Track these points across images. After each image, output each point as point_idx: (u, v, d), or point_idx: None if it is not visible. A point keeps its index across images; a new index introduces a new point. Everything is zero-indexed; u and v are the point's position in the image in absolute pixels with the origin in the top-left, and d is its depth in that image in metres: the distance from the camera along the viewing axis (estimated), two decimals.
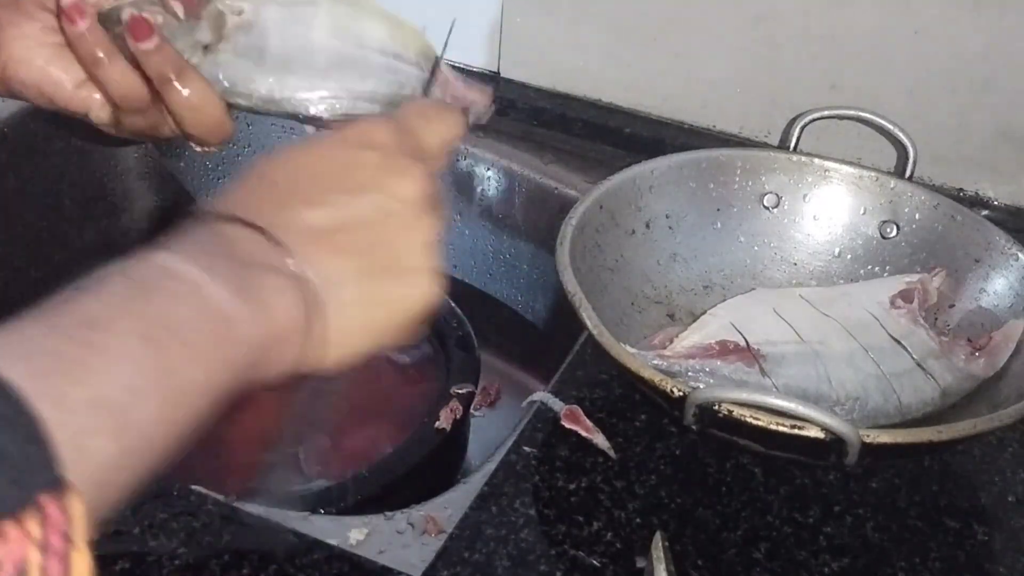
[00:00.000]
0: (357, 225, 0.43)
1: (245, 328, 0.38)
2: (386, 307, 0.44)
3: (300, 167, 0.45)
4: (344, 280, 0.43)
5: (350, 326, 0.43)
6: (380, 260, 0.44)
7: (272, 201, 0.43)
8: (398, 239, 0.45)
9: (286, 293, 0.40)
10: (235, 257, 0.40)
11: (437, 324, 0.91)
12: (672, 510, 0.64)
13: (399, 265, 0.45)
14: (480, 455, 0.73)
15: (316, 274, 0.41)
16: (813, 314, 0.76)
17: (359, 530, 0.61)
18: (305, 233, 0.42)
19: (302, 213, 0.43)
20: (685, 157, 0.83)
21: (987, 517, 0.66)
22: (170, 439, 0.35)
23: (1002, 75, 0.87)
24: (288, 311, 0.40)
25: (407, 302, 0.45)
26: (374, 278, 0.44)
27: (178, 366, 0.35)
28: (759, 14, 0.92)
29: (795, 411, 0.57)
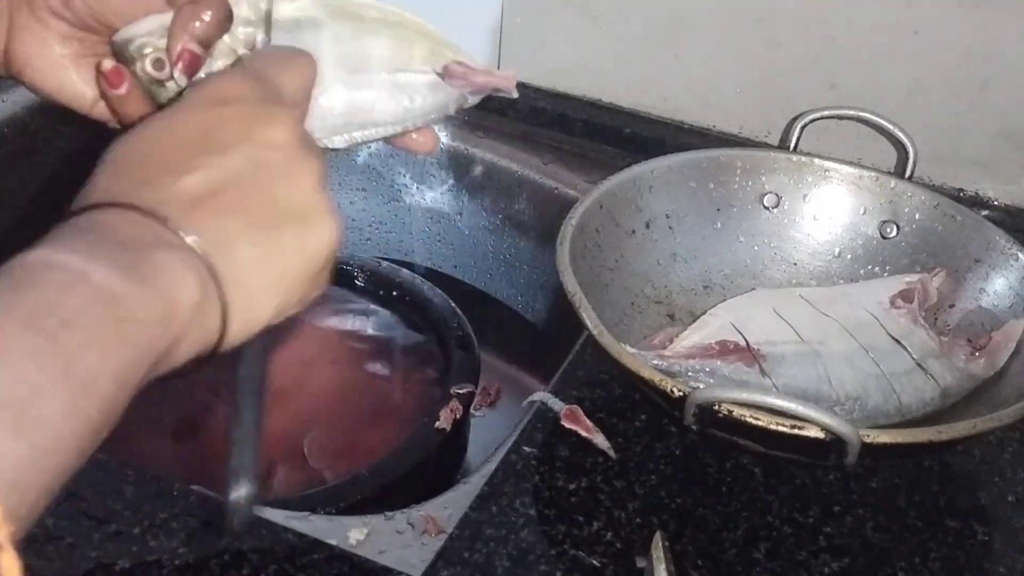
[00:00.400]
0: (234, 182, 0.41)
1: (140, 307, 0.36)
2: (287, 258, 0.42)
3: (160, 137, 0.42)
4: (236, 241, 0.40)
5: (255, 286, 0.41)
6: (268, 212, 0.42)
7: (138, 178, 0.41)
8: (281, 186, 0.42)
9: (178, 266, 0.38)
10: (116, 240, 0.38)
11: (437, 324, 0.91)
12: (672, 510, 0.64)
13: (290, 212, 0.42)
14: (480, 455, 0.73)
15: (205, 241, 0.39)
16: (813, 314, 0.77)
17: (359, 530, 0.61)
18: (183, 202, 0.40)
19: (174, 183, 0.40)
20: (685, 157, 0.83)
21: (987, 517, 0.66)
22: (85, 430, 0.34)
23: (1002, 75, 0.87)
24: (184, 284, 0.38)
25: (308, 248, 0.43)
26: (267, 231, 0.41)
27: (76, 354, 0.34)
28: (759, 14, 0.92)
29: (795, 411, 0.57)
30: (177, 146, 0.42)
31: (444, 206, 1.05)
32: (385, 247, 1.10)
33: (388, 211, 1.08)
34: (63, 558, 0.58)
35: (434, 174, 1.03)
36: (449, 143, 1.01)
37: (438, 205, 1.05)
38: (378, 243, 1.10)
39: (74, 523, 0.59)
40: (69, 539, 0.59)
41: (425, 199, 1.05)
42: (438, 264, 1.08)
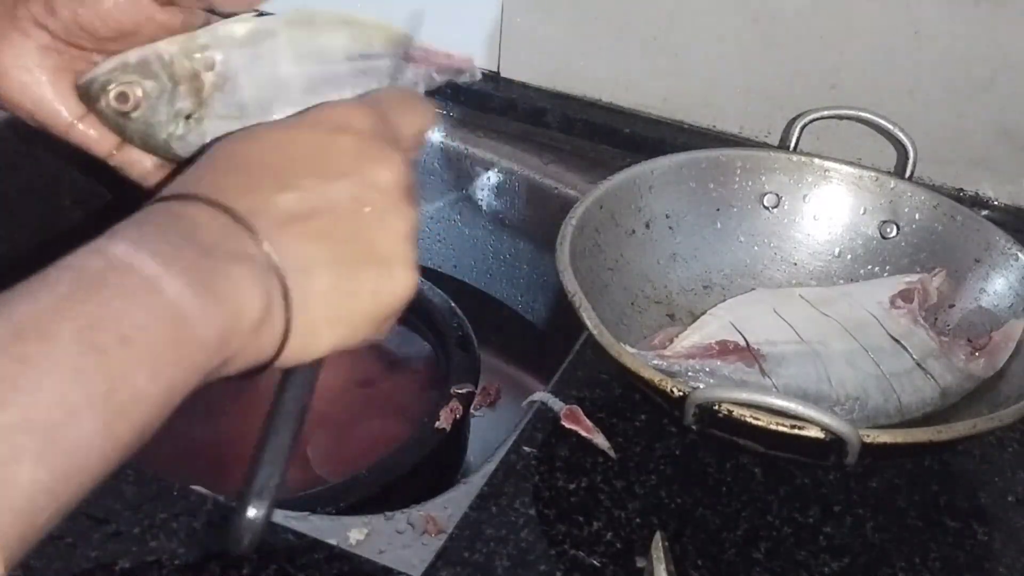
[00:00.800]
0: (331, 212, 0.41)
1: (203, 326, 0.36)
2: (360, 299, 0.42)
3: (272, 148, 0.42)
4: (316, 269, 0.40)
5: (321, 318, 0.41)
6: (355, 249, 0.42)
7: (241, 182, 0.40)
8: (374, 228, 0.42)
9: (252, 283, 0.38)
10: (198, 243, 0.37)
11: (437, 324, 0.91)
12: (672, 510, 0.64)
13: (375, 255, 0.42)
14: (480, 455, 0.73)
15: (286, 262, 0.39)
16: (813, 314, 0.76)
17: (359, 530, 0.61)
18: (276, 218, 0.40)
19: (273, 196, 0.40)
20: (685, 157, 0.83)
21: (987, 517, 0.66)
22: (114, 452, 0.33)
23: (1002, 75, 0.87)
24: (253, 302, 0.38)
25: (382, 295, 0.43)
26: (348, 268, 0.41)
27: (124, 374, 0.33)
28: (759, 14, 0.92)
29: (795, 411, 0.57)
30: (286, 160, 0.42)
31: (444, 206, 1.05)
32: None
33: None
34: (63, 558, 0.58)
35: (434, 174, 1.03)
36: (449, 143, 1.01)
37: (438, 205, 1.05)
38: None
39: (74, 523, 0.59)
40: (69, 539, 0.59)
41: (425, 199, 1.05)
42: (438, 264, 1.08)
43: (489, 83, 1.04)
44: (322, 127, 0.43)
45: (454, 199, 1.04)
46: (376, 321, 0.43)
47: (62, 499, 0.32)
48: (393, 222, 0.43)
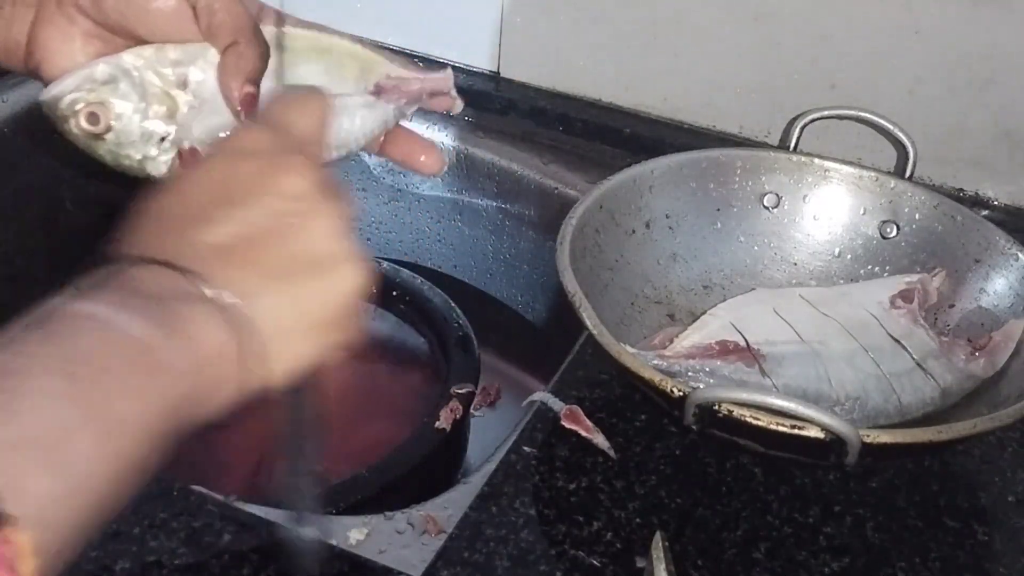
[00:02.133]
0: (256, 234, 0.42)
1: (172, 358, 0.37)
2: (310, 308, 0.42)
3: (181, 195, 0.43)
4: (261, 291, 0.41)
5: (284, 334, 0.42)
6: (291, 261, 0.42)
7: (163, 233, 0.42)
8: (301, 235, 0.43)
9: (206, 319, 0.39)
10: (144, 294, 0.38)
11: (437, 324, 0.91)
12: (672, 510, 0.64)
13: (314, 260, 0.43)
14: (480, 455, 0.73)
15: (229, 293, 0.40)
16: (813, 314, 0.76)
17: (359, 530, 0.61)
18: (207, 255, 0.41)
19: (197, 237, 0.41)
20: (685, 157, 0.83)
21: (987, 517, 0.66)
22: (114, 474, 0.35)
23: (1002, 75, 0.87)
24: (214, 335, 0.39)
25: (335, 293, 0.43)
26: (291, 280, 0.42)
27: (106, 398, 0.35)
28: (759, 14, 0.92)
29: (795, 411, 0.57)
30: (198, 201, 0.42)
31: (444, 206, 1.05)
32: (385, 247, 1.10)
33: (388, 211, 1.08)
34: None
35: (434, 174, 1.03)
36: (450, 143, 1.01)
37: (438, 205, 1.05)
38: (378, 243, 1.10)
39: None
40: None
41: (425, 199, 1.05)
42: (438, 264, 1.08)
43: (489, 83, 1.04)
44: (220, 160, 0.44)
45: (454, 199, 1.04)
46: (336, 322, 0.44)
47: (76, 515, 0.33)
48: (317, 224, 0.43)
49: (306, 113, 0.48)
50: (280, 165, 0.44)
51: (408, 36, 1.06)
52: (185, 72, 0.51)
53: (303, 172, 0.44)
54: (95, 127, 0.50)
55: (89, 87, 0.49)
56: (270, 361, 0.41)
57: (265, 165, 0.44)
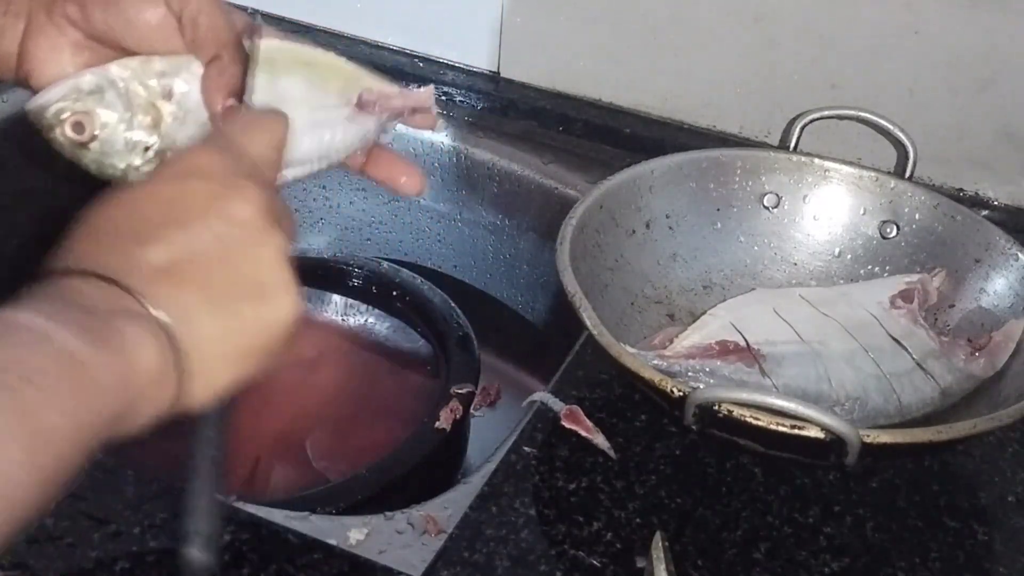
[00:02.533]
0: (198, 256, 0.42)
1: (100, 372, 0.37)
2: (246, 333, 0.43)
3: (129, 209, 0.43)
4: (196, 312, 0.41)
5: (213, 356, 0.42)
6: (228, 286, 0.43)
7: (107, 247, 0.42)
8: (243, 261, 0.43)
9: (142, 336, 0.39)
10: (82, 307, 0.38)
11: (437, 324, 0.91)
12: (672, 510, 0.64)
13: (249, 287, 0.43)
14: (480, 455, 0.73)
15: (168, 312, 0.40)
16: (813, 314, 0.76)
17: (359, 530, 0.61)
18: (148, 274, 0.41)
19: (141, 254, 0.41)
20: (685, 157, 0.83)
21: (987, 517, 0.66)
22: (39, 484, 0.35)
23: (1002, 75, 0.87)
24: (147, 354, 0.39)
25: (267, 322, 0.44)
26: (226, 305, 0.42)
27: (36, 410, 0.35)
28: (759, 14, 0.92)
29: (795, 411, 0.57)
30: (145, 218, 0.43)
31: (444, 206, 1.05)
32: (385, 247, 1.10)
33: (388, 211, 1.08)
34: (63, 558, 0.58)
35: (434, 174, 1.03)
36: (449, 143, 1.01)
37: (438, 205, 1.05)
38: (378, 243, 1.10)
39: (74, 523, 0.59)
40: (69, 539, 0.59)
41: (425, 199, 1.05)
42: (438, 264, 1.08)
43: (489, 83, 1.04)
44: (172, 178, 0.44)
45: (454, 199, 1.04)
46: (268, 349, 0.44)
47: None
48: (260, 251, 0.44)
49: (263, 134, 0.48)
50: (229, 189, 0.44)
51: (408, 36, 1.06)
52: (170, 83, 0.51)
53: (251, 198, 0.44)
54: (80, 136, 0.50)
55: (75, 97, 0.50)
56: (197, 383, 0.41)
57: (215, 188, 0.44)
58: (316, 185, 1.09)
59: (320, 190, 1.09)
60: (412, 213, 1.07)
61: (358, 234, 1.10)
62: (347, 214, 1.10)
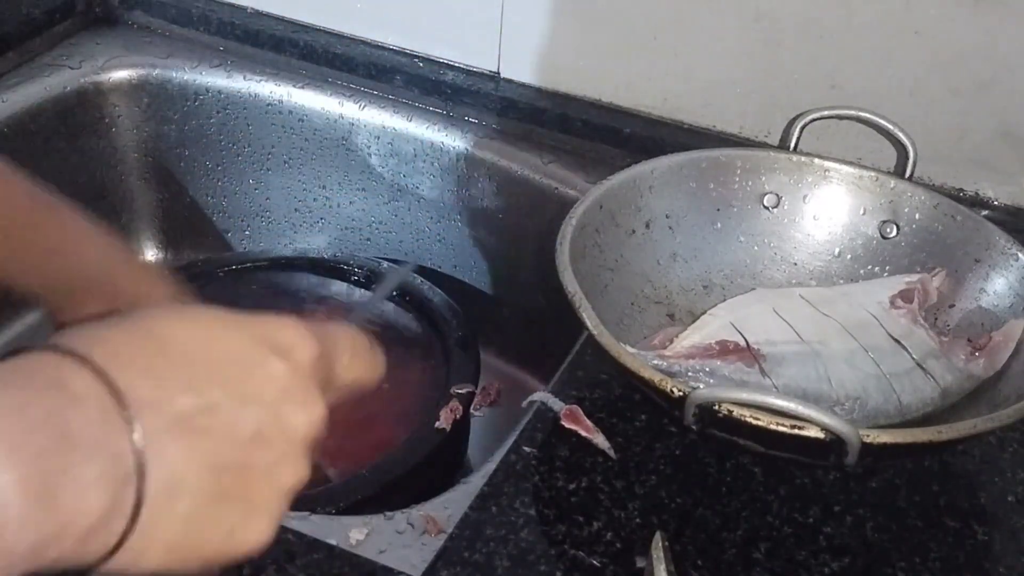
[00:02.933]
0: (227, 435, 0.37)
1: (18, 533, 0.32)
2: (211, 535, 0.38)
3: (198, 340, 0.38)
4: (182, 488, 0.36)
5: (163, 540, 0.36)
6: (230, 483, 0.37)
7: (149, 364, 0.36)
8: (261, 470, 0.38)
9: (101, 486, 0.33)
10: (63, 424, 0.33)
11: (437, 324, 0.91)
12: (672, 510, 0.64)
13: (246, 497, 0.38)
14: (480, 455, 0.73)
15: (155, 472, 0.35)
16: (813, 314, 0.76)
17: (359, 530, 0.61)
18: (167, 418, 0.35)
19: (175, 394, 0.36)
20: (685, 157, 0.83)
21: (987, 517, 0.66)
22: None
23: (1002, 75, 0.87)
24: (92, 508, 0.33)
25: (235, 539, 0.39)
26: (214, 498, 0.37)
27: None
28: (759, 13, 0.92)
29: (795, 411, 0.57)
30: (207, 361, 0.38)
31: (444, 206, 1.05)
32: (385, 247, 1.10)
33: (388, 211, 1.08)
34: None
35: (434, 174, 1.03)
36: (449, 143, 1.01)
37: (438, 205, 1.05)
38: (378, 243, 1.10)
39: None
40: None
41: (425, 199, 1.05)
42: (438, 264, 1.08)
43: (489, 83, 1.04)
44: (260, 340, 0.39)
45: (454, 199, 1.04)
46: (215, 561, 0.39)
47: None
48: (283, 472, 0.39)
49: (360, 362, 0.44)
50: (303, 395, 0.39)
51: (408, 36, 1.06)
52: None
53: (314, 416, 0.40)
54: None
55: None
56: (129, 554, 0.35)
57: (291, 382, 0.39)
58: (316, 185, 1.09)
59: (320, 190, 1.09)
60: (412, 213, 1.07)
61: (358, 234, 1.10)
62: (347, 214, 1.10)
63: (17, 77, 1.00)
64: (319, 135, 1.06)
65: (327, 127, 1.05)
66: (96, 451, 0.34)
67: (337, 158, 1.06)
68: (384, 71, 1.05)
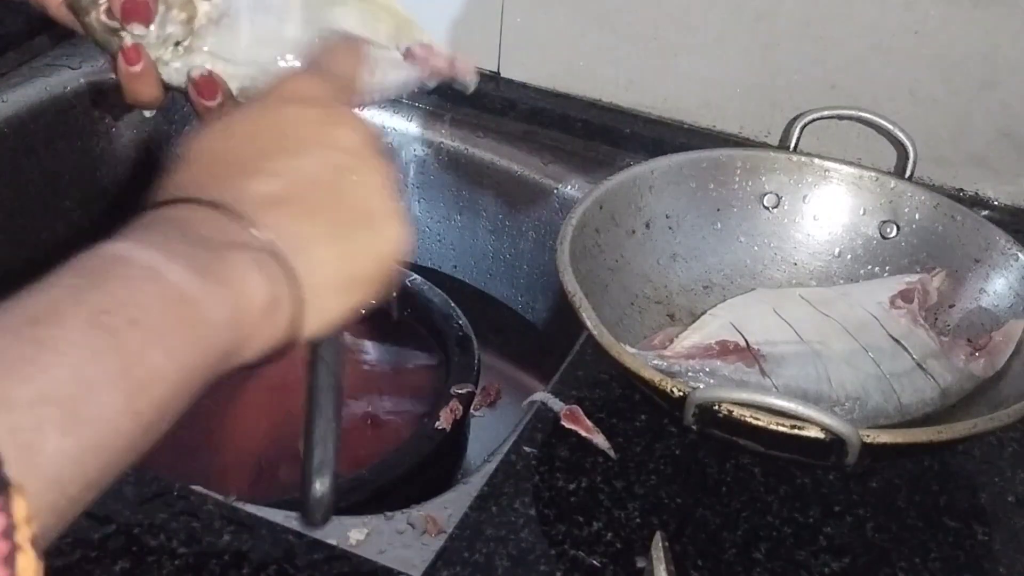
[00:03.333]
0: (308, 184, 0.42)
1: (213, 308, 0.36)
2: (359, 260, 0.42)
3: (236, 136, 0.43)
4: (312, 243, 0.41)
5: (327, 286, 0.41)
6: (342, 215, 0.42)
7: (217, 176, 0.41)
8: (354, 189, 0.43)
9: (253, 267, 0.38)
10: (192, 238, 0.38)
11: (437, 324, 0.91)
12: (672, 510, 0.64)
13: (362, 215, 0.43)
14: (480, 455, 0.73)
15: (281, 241, 0.39)
16: (813, 314, 0.76)
17: (359, 530, 0.61)
18: (260, 203, 0.40)
19: (251, 183, 0.41)
20: (685, 157, 0.83)
21: (987, 517, 0.66)
22: (138, 429, 0.33)
23: (1002, 75, 0.87)
24: (259, 285, 0.38)
25: (379, 250, 0.43)
26: (341, 234, 0.42)
27: (138, 353, 0.33)
28: (759, 13, 0.92)
29: (795, 411, 0.57)
30: (253, 146, 0.42)
31: (444, 206, 1.05)
32: None
33: None
34: (63, 558, 0.58)
35: (434, 174, 1.03)
36: (449, 143, 1.01)
37: (438, 205, 1.05)
38: None
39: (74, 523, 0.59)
40: (69, 539, 0.59)
41: (425, 200, 1.05)
42: (438, 264, 1.08)
43: (489, 83, 1.04)
44: (279, 105, 0.44)
45: (454, 199, 1.04)
46: (377, 278, 0.43)
47: (91, 473, 0.32)
48: (369, 179, 0.43)
49: (346, 60, 0.48)
50: (337, 117, 0.44)
51: None
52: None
53: (355, 126, 0.44)
54: (112, 21, 0.50)
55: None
56: (310, 313, 0.40)
57: (320, 115, 0.44)
58: None
59: None
60: (412, 213, 1.07)
61: None
62: None
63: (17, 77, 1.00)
64: None
65: None
66: (230, 246, 0.38)
67: None
68: None
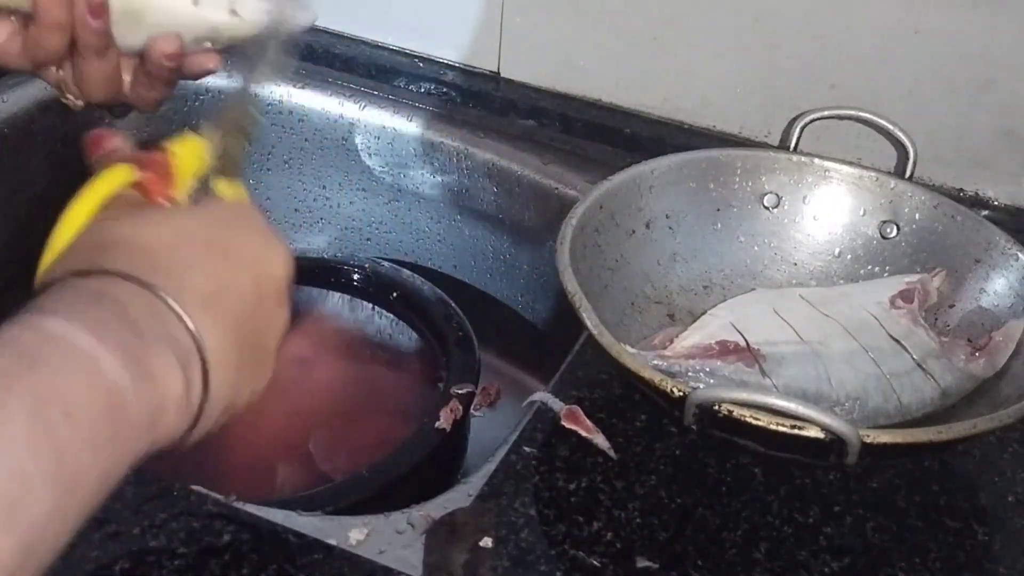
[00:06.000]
0: (238, 298, 0.43)
1: (139, 410, 0.36)
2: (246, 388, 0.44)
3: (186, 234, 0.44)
4: (227, 353, 0.42)
5: (223, 400, 0.42)
6: (251, 337, 0.44)
7: (152, 263, 0.41)
8: (264, 320, 0.45)
9: (176, 364, 0.39)
10: (128, 320, 0.38)
11: (437, 324, 0.91)
12: (672, 510, 0.64)
13: (260, 346, 0.45)
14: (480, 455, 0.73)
15: (206, 343, 0.41)
16: (813, 314, 0.76)
17: (359, 530, 0.61)
18: (196, 299, 0.41)
19: (192, 279, 0.42)
20: (685, 157, 0.83)
21: (987, 517, 0.66)
22: (64, 530, 0.34)
23: (1002, 75, 0.87)
24: (176, 384, 0.39)
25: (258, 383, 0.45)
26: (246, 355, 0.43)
27: (71, 450, 0.33)
28: (759, 13, 0.92)
29: (795, 411, 0.57)
30: (201, 248, 0.44)
31: (444, 206, 1.05)
32: (385, 247, 1.10)
33: (388, 211, 1.08)
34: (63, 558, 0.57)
35: (434, 174, 1.03)
36: (449, 143, 1.01)
37: (438, 205, 1.05)
38: (378, 243, 1.10)
39: None
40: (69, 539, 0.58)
41: (425, 200, 1.05)
42: (438, 264, 1.08)
43: (489, 83, 1.04)
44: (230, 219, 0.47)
45: (454, 200, 1.04)
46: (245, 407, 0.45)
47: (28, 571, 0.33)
48: (278, 317, 0.46)
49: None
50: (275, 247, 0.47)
51: (408, 36, 1.06)
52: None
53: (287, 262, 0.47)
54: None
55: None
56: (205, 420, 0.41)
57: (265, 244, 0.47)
58: (316, 185, 1.09)
59: (320, 190, 1.09)
60: (412, 213, 1.07)
61: (358, 234, 1.10)
62: (347, 214, 1.10)
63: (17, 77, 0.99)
64: (319, 135, 1.06)
65: (327, 127, 1.05)
66: (161, 337, 0.39)
67: (337, 158, 1.06)
68: (384, 71, 1.05)
